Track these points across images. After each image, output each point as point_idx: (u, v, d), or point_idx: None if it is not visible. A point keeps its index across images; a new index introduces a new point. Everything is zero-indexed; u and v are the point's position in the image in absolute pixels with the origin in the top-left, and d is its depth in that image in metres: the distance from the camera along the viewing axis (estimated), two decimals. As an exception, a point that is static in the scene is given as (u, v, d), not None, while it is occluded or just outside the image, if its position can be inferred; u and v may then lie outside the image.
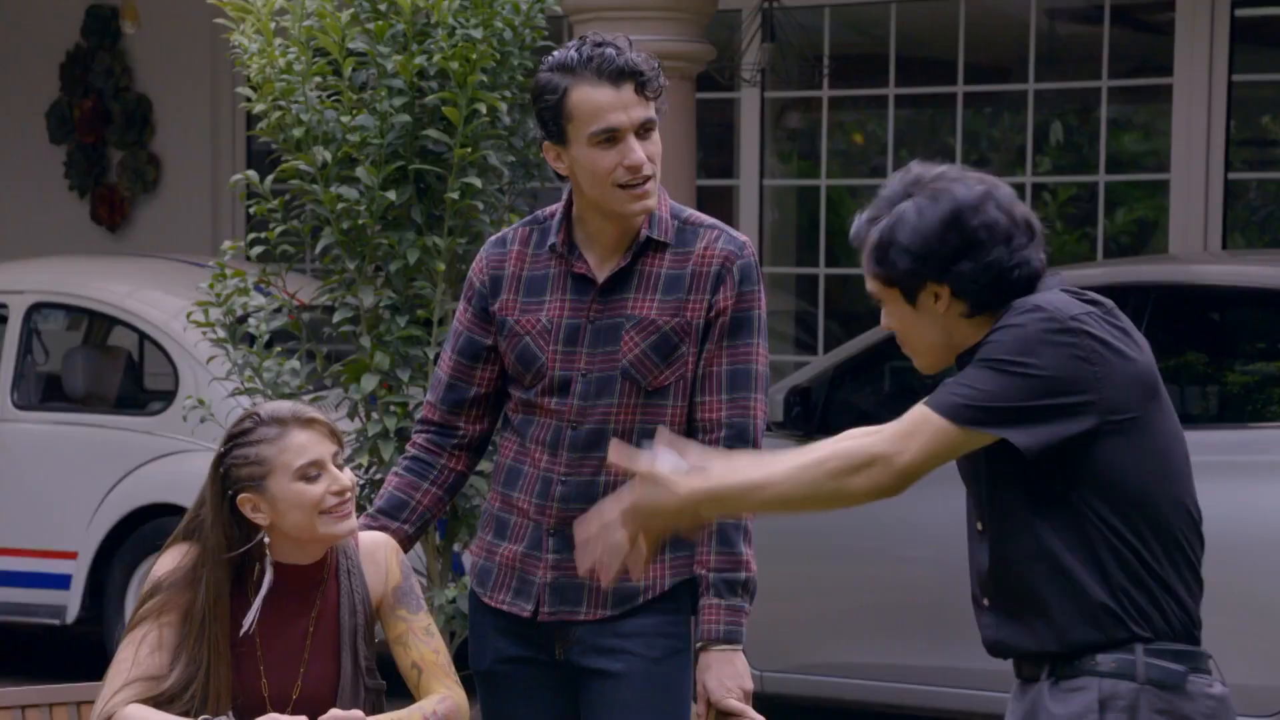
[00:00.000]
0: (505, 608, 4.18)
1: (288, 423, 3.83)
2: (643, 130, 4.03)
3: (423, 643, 3.95)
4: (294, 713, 3.82)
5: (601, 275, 4.11)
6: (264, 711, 3.82)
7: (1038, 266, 3.39)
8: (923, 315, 3.40)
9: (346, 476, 3.83)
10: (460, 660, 4.21)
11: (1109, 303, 3.41)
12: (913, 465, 3.29)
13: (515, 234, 4.24)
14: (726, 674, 4.02)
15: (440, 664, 3.95)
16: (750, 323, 4.10)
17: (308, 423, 3.83)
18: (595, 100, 4.00)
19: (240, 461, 3.82)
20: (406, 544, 4.19)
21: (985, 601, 3.45)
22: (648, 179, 4.04)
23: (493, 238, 4.29)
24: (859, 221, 3.45)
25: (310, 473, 3.80)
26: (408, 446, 4.32)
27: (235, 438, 3.85)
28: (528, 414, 4.18)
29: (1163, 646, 3.32)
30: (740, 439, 4.08)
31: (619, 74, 4.00)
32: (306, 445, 3.81)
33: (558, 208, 4.21)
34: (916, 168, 3.44)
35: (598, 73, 3.99)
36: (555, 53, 4.10)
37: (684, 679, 4.18)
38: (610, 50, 4.01)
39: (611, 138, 4.01)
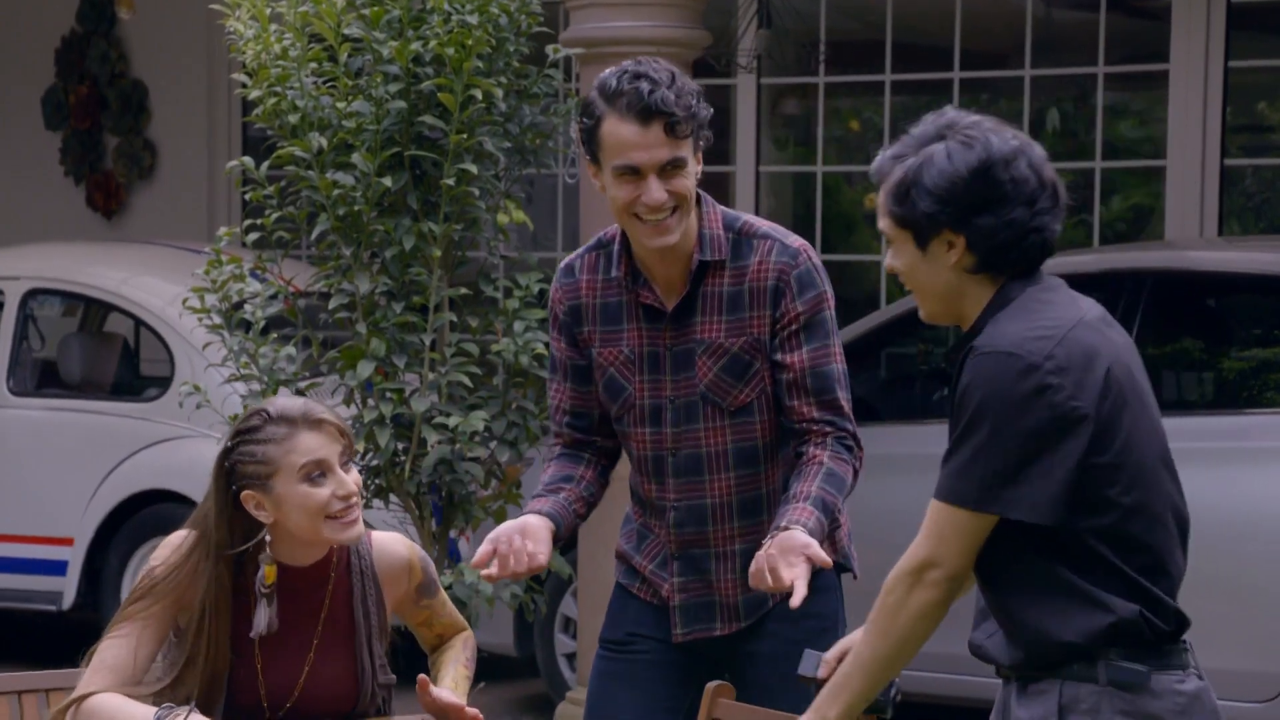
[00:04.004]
0: (650, 600, 4.29)
1: (296, 423, 3.77)
2: (668, 168, 4.02)
3: (444, 617, 4.06)
4: (293, 713, 3.82)
5: (670, 303, 4.15)
6: (260, 712, 3.80)
7: (1052, 236, 3.31)
8: (931, 262, 3.33)
9: (353, 479, 3.79)
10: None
11: (1093, 311, 3.34)
12: (952, 561, 3.26)
13: (582, 261, 4.27)
14: (785, 545, 3.84)
15: (458, 622, 4.08)
16: (823, 325, 4.12)
17: (316, 423, 3.77)
18: (620, 135, 4.01)
19: (246, 459, 3.76)
20: (584, 508, 4.23)
21: (980, 601, 3.45)
22: (668, 214, 4.05)
23: (562, 265, 4.32)
24: (883, 157, 3.36)
25: (314, 473, 3.75)
26: (546, 452, 4.38)
27: (242, 434, 3.80)
28: (627, 443, 4.26)
29: (1128, 648, 3.25)
30: (840, 431, 4.10)
31: (646, 112, 3.98)
32: (313, 447, 3.75)
33: (618, 231, 4.21)
34: (952, 112, 3.36)
35: (626, 108, 3.99)
36: (605, 72, 4.10)
37: None
38: (644, 85, 3.99)
39: (632, 172, 4.02)
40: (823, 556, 3.82)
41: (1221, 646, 6.83)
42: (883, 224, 3.36)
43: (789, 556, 3.82)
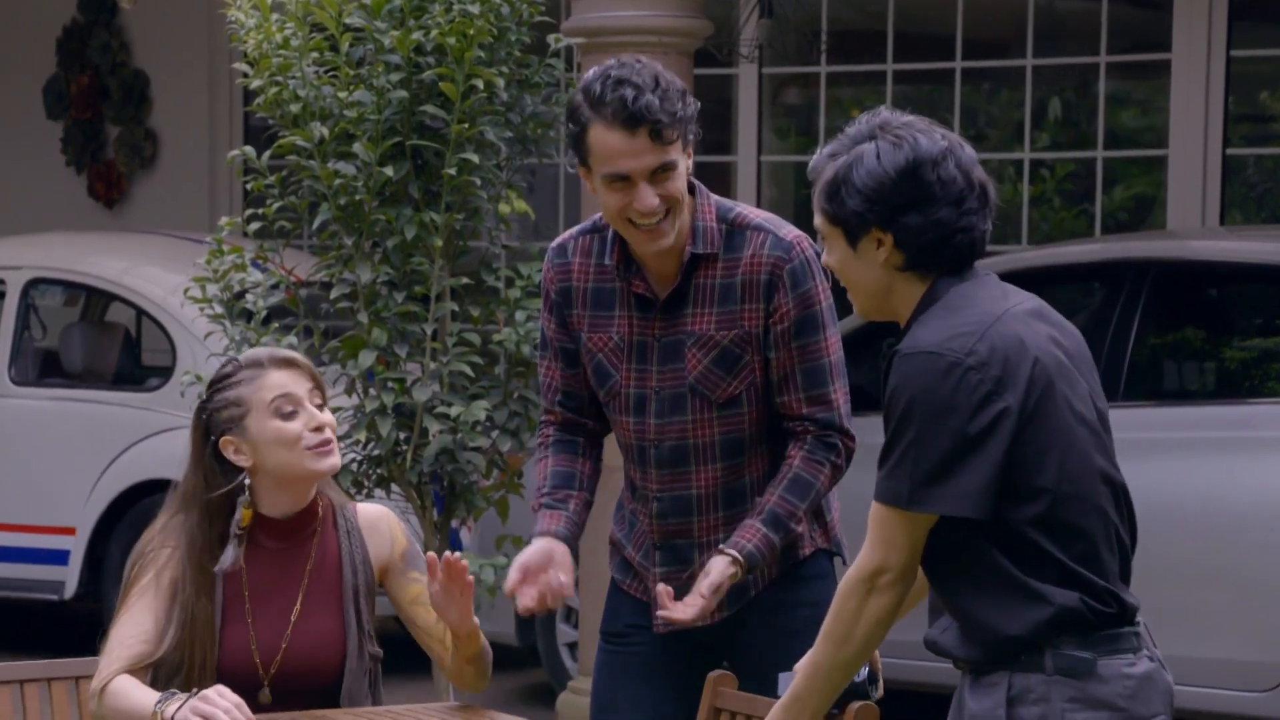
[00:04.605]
0: (641, 597, 4.28)
1: (264, 364, 3.91)
2: (658, 173, 3.99)
3: None
4: (284, 666, 3.87)
5: (662, 293, 4.12)
6: (251, 666, 3.86)
7: (980, 235, 3.36)
8: (862, 259, 3.38)
9: (325, 415, 3.89)
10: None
11: (1024, 304, 3.38)
12: (902, 563, 3.31)
13: (576, 244, 4.22)
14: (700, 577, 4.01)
15: None
16: (815, 320, 4.11)
17: (284, 363, 3.91)
18: (607, 144, 3.97)
19: (220, 405, 3.89)
20: (587, 511, 4.23)
21: (934, 597, 3.48)
22: (662, 218, 4.02)
23: (554, 245, 4.28)
24: (819, 154, 3.42)
25: (285, 408, 3.86)
26: (538, 435, 4.34)
27: (216, 383, 3.93)
28: (614, 429, 4.25)
29: (1075, 636, 3.28)
30: (826, 428, 4.11)
31: (632, 120, 3.94)
32: (282, 382, 3.88)
33: None
34: (886, 113, 3.41)
35: (612, 116, 3.95)
36: (588, 74, 4.05)
37: None
38: (628, 93, 3.94)
39: (622, 180, 3.99)
40: (707, 605, 3.96)
41: (1223, 636, 6.83)
42: (817, 221, 3.42)
43: (696, 593, 3.96)
